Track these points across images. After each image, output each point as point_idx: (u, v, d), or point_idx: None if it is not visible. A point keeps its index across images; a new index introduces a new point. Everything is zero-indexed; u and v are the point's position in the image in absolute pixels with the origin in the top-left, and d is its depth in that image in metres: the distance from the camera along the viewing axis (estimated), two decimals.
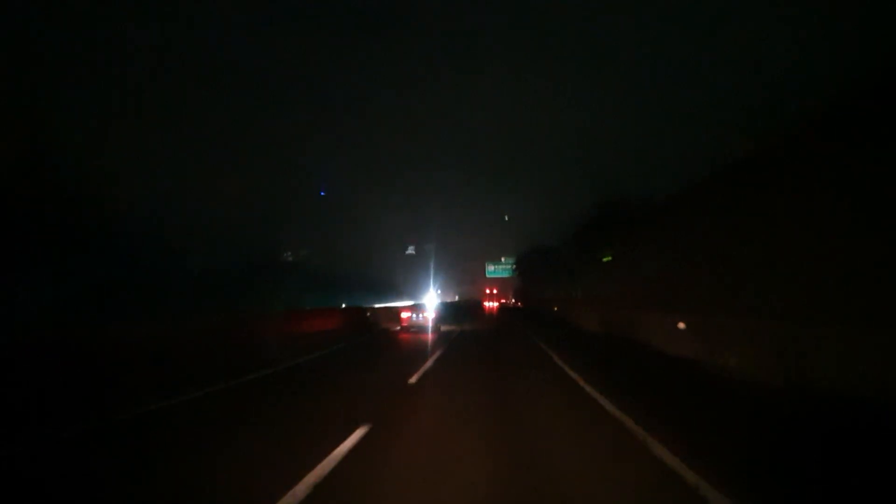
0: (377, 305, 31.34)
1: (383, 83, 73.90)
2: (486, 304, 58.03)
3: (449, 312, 25.71)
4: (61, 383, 5.87)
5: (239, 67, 55.89)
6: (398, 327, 20.19)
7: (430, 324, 19.81)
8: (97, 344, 7.15)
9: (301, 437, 3.96)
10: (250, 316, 14.94)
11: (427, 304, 25.96)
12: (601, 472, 3.16)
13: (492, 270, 58.36)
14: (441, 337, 15.31)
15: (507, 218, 50.96)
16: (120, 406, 5.06)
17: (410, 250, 43.61)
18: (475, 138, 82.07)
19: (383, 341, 14.77)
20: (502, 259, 56.88)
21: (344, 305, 30.28)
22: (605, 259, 20.17)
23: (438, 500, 2.72)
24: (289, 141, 65.06)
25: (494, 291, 65.06)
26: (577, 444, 3.76)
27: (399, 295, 46.30)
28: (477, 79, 72.91)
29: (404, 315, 20.74)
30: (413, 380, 6.75)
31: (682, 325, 8.07)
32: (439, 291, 47.46)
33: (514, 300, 64.29)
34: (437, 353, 10.14)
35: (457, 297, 53.66)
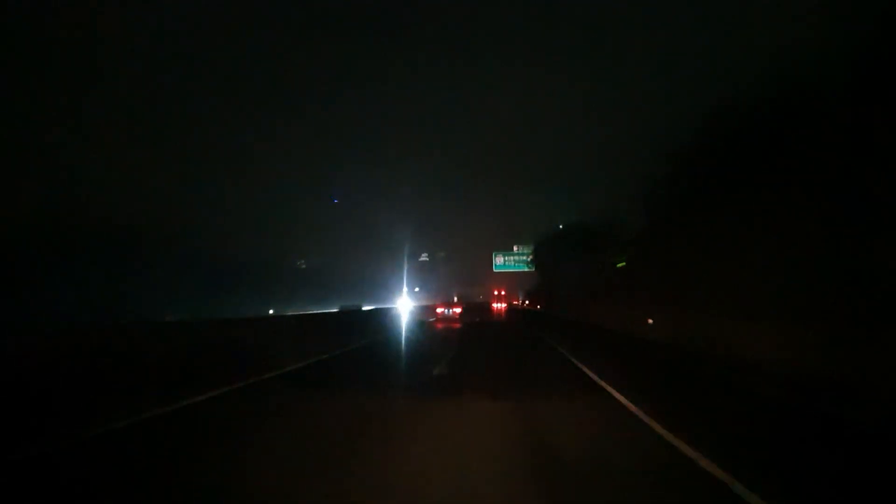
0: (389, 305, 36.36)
1: (388, 82, 76.86)
2: (495, 305, 48.24)
3: (468, 310, 31.58)
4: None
5: (248, 77, 60.07)
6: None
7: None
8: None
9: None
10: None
11: (449, 301, 32.31)
12: None
13: (501, 263, 46.09)
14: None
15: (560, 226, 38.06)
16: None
17: (424, 257, 45.15)
18: (482, 128, 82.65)
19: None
20: (515, 248, 45.25)
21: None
22: (619, 265, 17.62)
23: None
24: (300, 150, 68.31)
25: (503, 293, 54.01)
26: None
27: (394, 296, 45.49)
28: (484, 73, 74.36)
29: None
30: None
31: None
32: (417, 290, 43.95)
33: (526, 301, 55.88)
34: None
35: (455, 299, 44.25)
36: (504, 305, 52.93)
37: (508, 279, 50.78)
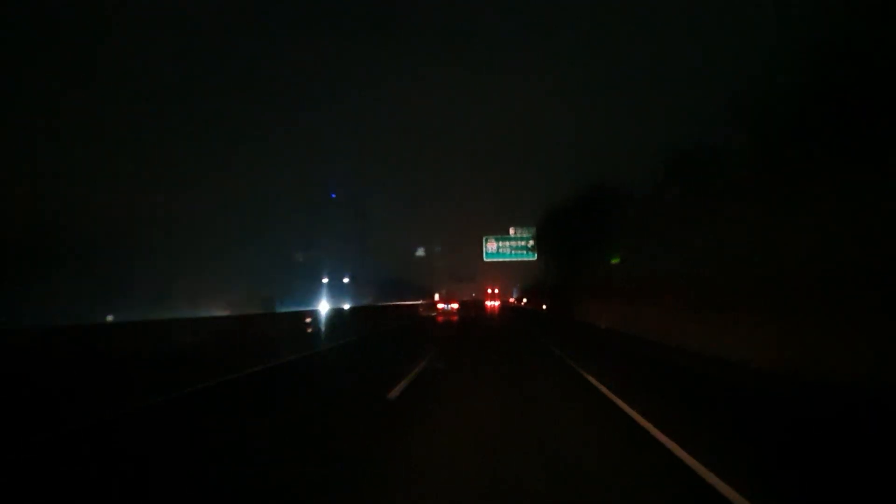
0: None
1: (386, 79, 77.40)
2: (489, 303, 47.21)
3: (465, 306, 34.50)
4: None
5: (246, 74, 60.97)
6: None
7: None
8: None
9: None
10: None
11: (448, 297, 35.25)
12: None
13: (493, 251, 34.92)
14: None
15: None
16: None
17: (420, 252, 45.32)
18: (474, 104, 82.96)
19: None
20: (511, 231, 34.53)
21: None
22: (613, 261, 16.82)
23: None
24: (300, 145, 69.08)
25: (496, 290, 52.43)
26: None
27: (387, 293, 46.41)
28: (480, 73, 75.29)
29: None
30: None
31: None
32: (346, 280, 38.92)
33: (524, 300, 52.44)
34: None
35: (436, 297, 40.28)
36: (497, 304, 50.15)
37: (503, 272, 45.87)
